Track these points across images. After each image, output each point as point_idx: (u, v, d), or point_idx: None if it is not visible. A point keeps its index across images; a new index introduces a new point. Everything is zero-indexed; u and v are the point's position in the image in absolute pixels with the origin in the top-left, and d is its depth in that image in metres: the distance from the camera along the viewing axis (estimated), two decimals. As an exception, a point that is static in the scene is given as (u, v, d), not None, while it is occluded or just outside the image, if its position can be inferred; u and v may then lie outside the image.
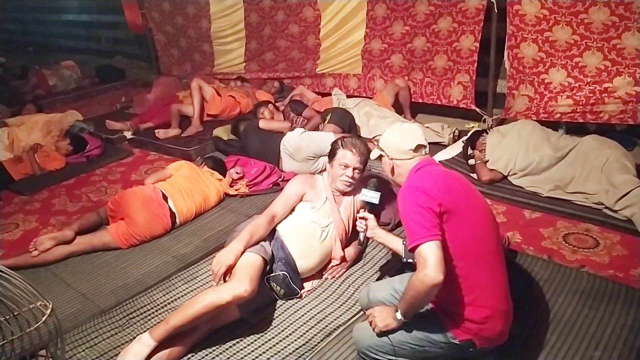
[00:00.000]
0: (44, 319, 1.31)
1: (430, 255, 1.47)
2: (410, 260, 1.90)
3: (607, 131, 3.51)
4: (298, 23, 5.14)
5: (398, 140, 1.79)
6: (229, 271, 2.05)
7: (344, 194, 2.45)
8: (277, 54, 5.48)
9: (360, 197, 2.18)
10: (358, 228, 2.11)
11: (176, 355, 1.92)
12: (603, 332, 1.91)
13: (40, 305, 1.32)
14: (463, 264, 1.59)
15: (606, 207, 2.81)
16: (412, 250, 1.52)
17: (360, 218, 2.09)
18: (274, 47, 5.47)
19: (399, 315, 1.65)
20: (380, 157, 1.88)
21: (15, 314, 1.28)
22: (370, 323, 1.75)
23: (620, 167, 2.86)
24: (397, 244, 1.97)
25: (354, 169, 2.37)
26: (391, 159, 1.81)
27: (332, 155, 2.43)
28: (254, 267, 2.04)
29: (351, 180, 2.37)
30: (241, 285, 1.91)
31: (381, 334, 1.71)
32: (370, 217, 2.06)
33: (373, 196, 2.13)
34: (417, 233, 1.51)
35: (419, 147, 1.77)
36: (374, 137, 3.72)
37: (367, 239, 2.10)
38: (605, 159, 2.92)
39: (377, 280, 2.35)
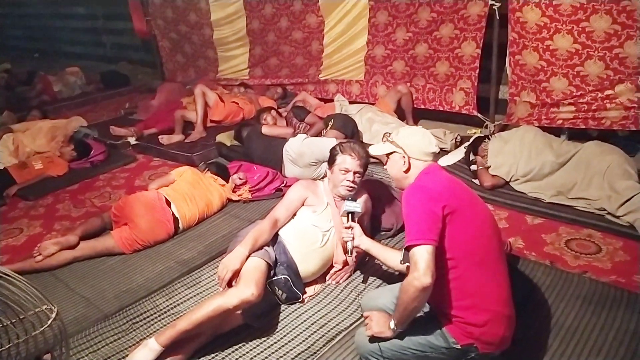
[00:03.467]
0: (49, 322, 1.32)
1: (420, 259, 1.50)
2: (408, 264, 1.92)
3: (609, 137, 3.51)
4: (302, 29, 5.17)
5: (422, 141, 1.82)
6: (235, 276, 2.06)
7: (345, 199, 2.45)
8: (281, 60, 5.51)
9: (344, 208, 2.20)
10: (345, 238, 2.13)
11: (179, 361, 1.93)
12: (605, 338, 1.91)
13: (45, 309, 1.33)
14: (464, 266, 1.60)
15: (608, 213, 2.81)
16: (408, 249, 1.55)
17: (345, 228, 2.13)
18: (278, 53, 5.50)
19: (392, 325, 1.67)
20: (390, 153, 1.86)
21: (21, 317, 1.30)
22: (366, 325, 1.78)
23: (623, 173, 2.86)
24: (382, 251, 2.01)
25: (355, 173, 2.37)
26: (410, 157, 1.80)
27: (331, 161, 2.44)
28: (259, 271, 2.05)
29: (353, 185, 2.38)
30: (248, 289, 1.92)
31: (373, 339, 1.74)
32: (356, 225, 2.12)
33: (355, 205, 2.19)
34: (413, 234, 1.54)
35: (437, 153, 1.84)
36: (385, 134, 3.71)
37: (354, 248, 2.13)
38: (607, 165, 2.92)
39: (379, 286, 2.36)
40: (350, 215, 2.17)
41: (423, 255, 1.50)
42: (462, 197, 1.68)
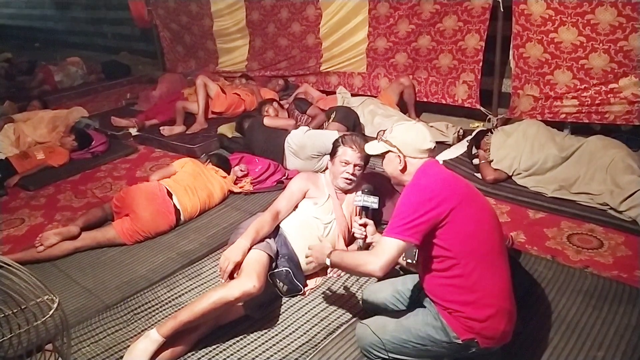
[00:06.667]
0: (50, 312, 1.32)
1: (387, 252, 1.53)
2: (409, 261, 1.91)
3: (613, 131, 3.50)
4: (300, 21, 5.14)
5: (417, 138, 1.76)
6: (236, 268, 2.06)
7: (346, 191, 2.45)
8: (281, 52, 5.49)
9: (357, 202, 2.12)
10: (357, 235, 2.08)
11: (180, 352, 1.93)
12: (606, 332, 1.91)
13: (47, 299, 1.33)
14: (465, 262, 1.59)
15: (611, 208, 2.80)
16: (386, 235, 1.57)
17: (360, 225, 2.06)
18: (278, 45, 5.47)
19: (328, 262, 1.78)
20: (386, 152, 1.82)
21: (23, 307, 1.30)
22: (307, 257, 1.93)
23: (626, 168, 2.85)
24: None
25: (355, 165, 2.37)
26: (405, 156, 1.76)
27: (333, 153, 2.45)
28: (261, 263, 2.05)
29: (352, 177, 2.38)
30: (249, 281, 1.92)
31: (380, 332, 1.74)
32: (370, 223, 2.07)
33: (373, 201, 2.09)
34: (394, 227, 1.56)
35: (434, 148, 1.79)
36: (378, 132, 3.70)
37: (367, 245, 2.10)
38: (611, 160, 2.91)
39: (379, 280, 2.35)
40: (364, 210, 2.09)
41: (392, 249, 1.52)
42: (461, 193, 1.66)
